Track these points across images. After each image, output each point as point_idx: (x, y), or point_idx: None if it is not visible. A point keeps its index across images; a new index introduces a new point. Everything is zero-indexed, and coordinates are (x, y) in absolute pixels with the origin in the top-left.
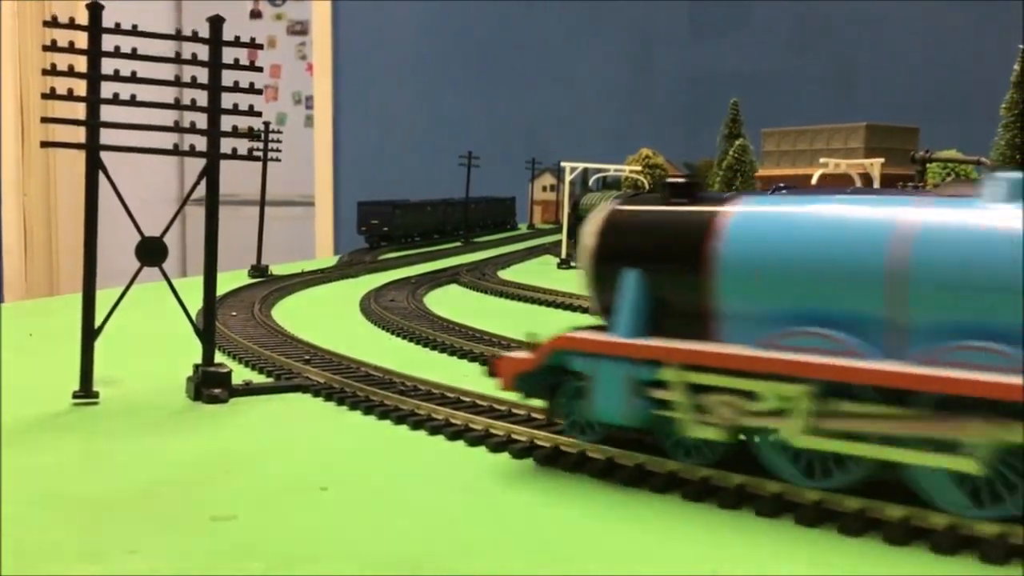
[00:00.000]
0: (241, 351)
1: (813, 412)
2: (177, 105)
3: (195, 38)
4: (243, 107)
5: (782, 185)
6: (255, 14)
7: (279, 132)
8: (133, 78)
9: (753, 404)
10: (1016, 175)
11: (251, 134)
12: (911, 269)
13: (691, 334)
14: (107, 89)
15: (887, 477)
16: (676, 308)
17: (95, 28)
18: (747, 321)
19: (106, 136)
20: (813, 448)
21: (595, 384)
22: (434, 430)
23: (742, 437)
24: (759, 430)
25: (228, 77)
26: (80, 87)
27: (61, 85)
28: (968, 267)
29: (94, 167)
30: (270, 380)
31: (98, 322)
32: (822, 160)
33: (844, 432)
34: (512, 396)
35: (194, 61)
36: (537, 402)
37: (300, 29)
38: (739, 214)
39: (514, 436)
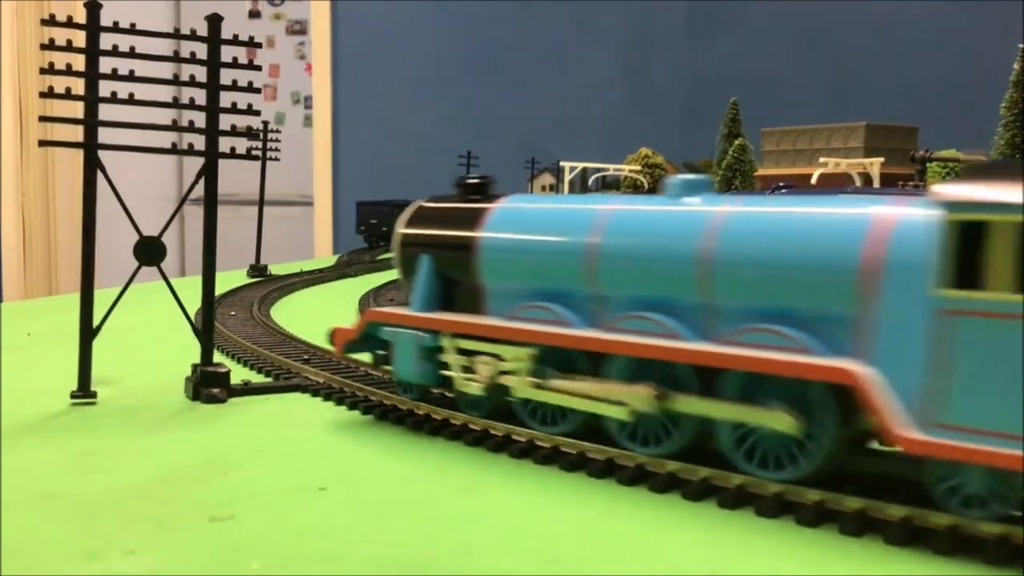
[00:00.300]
0: (240, 351)
1: (534, 370)
2: (176, 104)
3: (193, 36)
4: (242, 106)
5: (782, 184)
6: (254, 14)
7: (278, 132)
8: (131, 76)
9: (502, 364)
10: (688, 176)
11: (250, 133)
12: (600, 252)
13: (468, 308)
14: (105, 88)
15: (596, 426)
16: (458, 286)
17: (93, 26)
18: (502, 296)
19: (104, 135)
20: (536, 399)
21: (396, 349)
22: (434, 430)
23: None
24: (506, 386)
25: (227, 76)
26: (78, 86)
27: (59, 84)
28: (640, 247)
29: (92, 166)
30: (269, 380)
31: (96, 322)
32: (822, 159)
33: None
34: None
35: (192, 60)
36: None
37: (299, 29)
38: (499, 209)
39: (514, 436)
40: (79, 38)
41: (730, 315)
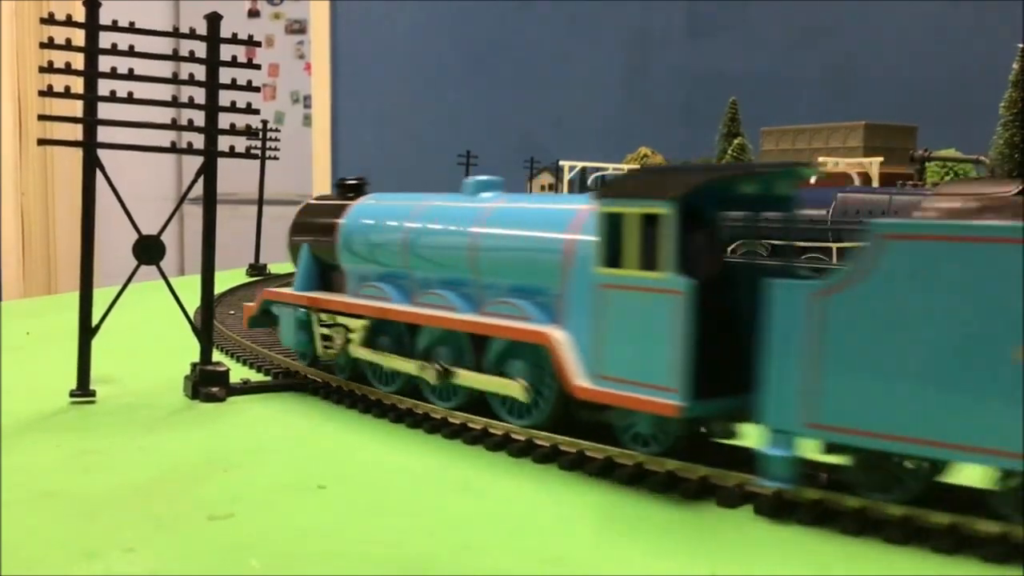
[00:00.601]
0: (239, 350)
1: (365, 337)
2: (175, 103)
3: (193, 35)
4: (241, 104)
5: None
6: (253, 13)
7: (277, 131)
8: (130, 75)
9: (350, 333)
10: (481, 177)
11: (249, 132)
12: (412, 241)
13: (335, 288)
14: (104, 86)
15: (416, 384)
16: (331, 269)
17: (92, 25)
18: (354, 277)
19: (103, 133)
20: (369, 361)
21: (281, 322)
22: (432, 428)
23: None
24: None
25: (226, 74)
26: (77, 84)
27: (58, 82)
28: (436, 236)
29: (91, 165)
30: (268, 379)
31: (95, 321)
32: (821, 159)
33: (384, 351)
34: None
35: (192, 58)
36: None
37: (298, 28)
38: (356, 205)
39: (513, 436)
40: (78, 36)
41: (491, 291)
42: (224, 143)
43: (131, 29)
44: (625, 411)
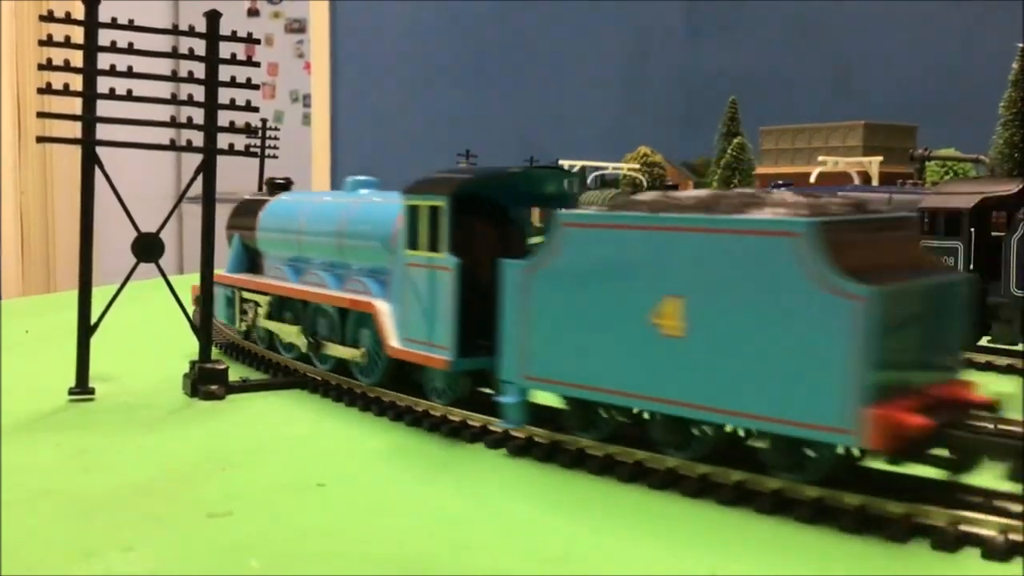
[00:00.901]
0: (238, 348)
1: (269, 311)
2: (174, 100)
3: (192, 32)
4: (240, 103)
5: (781, 183)
6: (252, 12)
7: (276, 130)
8: (129, 73)
9: (261, 308)
10: (359, 177)
11: (249, 130)
12: (307, 232)
13: (257, 270)
14: (103, 84)
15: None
16: (254, 254)
17: (91, 23)
18: (270, 260)
19: (102, 131)
20: (272, 331)
21: (217, 300)
22: (432, 426)
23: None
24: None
25: (225, 72)
26: (76, 82)
27: (57, 80)
28: (318, 226)
29: (90, 162)
30: (267, 376)
31: (94, 319)
32: (820, 158)
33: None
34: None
35: (191, 56)
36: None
37: (298, 27)
38: (274, 201)
39: (512, 434)
40: (77, 34)
41: (352, 271)
42: (223, 141)
43: (130, 27)
44: (429, 368)
